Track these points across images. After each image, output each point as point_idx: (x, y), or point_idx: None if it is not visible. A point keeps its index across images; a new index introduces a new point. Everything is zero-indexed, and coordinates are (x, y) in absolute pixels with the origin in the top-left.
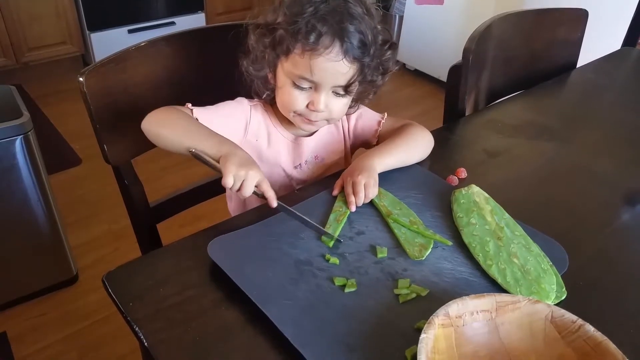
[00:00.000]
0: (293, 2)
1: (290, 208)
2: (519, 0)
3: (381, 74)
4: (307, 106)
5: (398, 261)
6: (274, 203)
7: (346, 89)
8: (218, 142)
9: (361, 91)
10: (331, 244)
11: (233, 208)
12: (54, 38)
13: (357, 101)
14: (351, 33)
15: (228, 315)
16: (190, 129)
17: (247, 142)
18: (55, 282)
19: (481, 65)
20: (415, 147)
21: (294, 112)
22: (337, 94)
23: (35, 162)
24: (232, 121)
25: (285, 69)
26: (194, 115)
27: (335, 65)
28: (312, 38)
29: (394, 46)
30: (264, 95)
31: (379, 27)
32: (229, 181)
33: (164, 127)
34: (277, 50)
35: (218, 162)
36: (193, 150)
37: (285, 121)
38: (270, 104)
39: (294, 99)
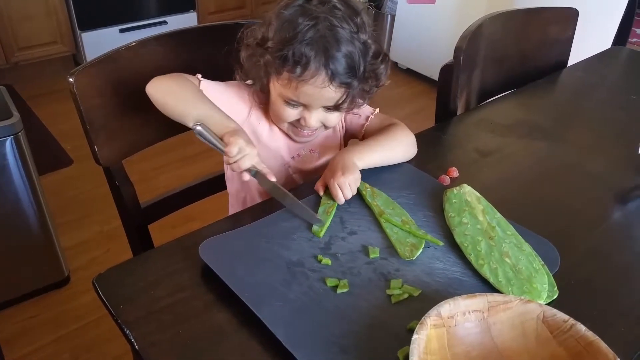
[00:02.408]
0: (282, 25)
1: (284, 190)
2: (510, 0)
3: (374, 86)
4: (299, 121)
5: (390, 261)
6: (273, 177)
7: (336, 107)
8: (225, 118)
9: (356, 98)
10: (321, 234)
11: (235, 189)
12: (44, 38)
13: (354, 104)
14: (337, 60)
15: (220, 318)
16: (196, 101)
17: (250, 123)
18: (47, 284)
19: (472, 64)
20: (397, 146)
21: (288, 123)
22: (328, 109)
23: (26, 162)
24: (238, 102)
25: (276, 87)
26: (201, 86)
27: (321, 91)
28: (298, 70)
29: (385, 58)
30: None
31: (369, 41)
32: (233, 150)
33: (171, 95)
34: (268, 69)
35: (221, 138)
36: (198, 127)
37: None
38: None
39: (285, 114)
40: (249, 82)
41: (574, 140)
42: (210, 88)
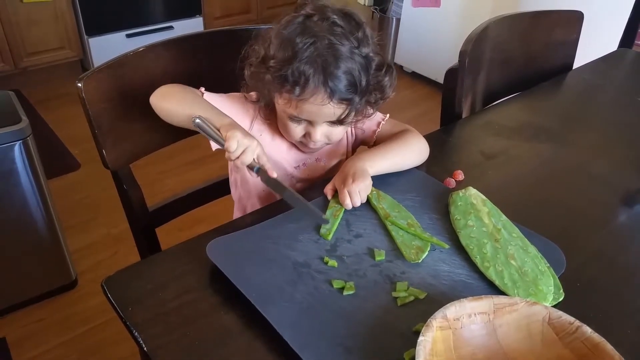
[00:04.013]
0: (281, 44)
1: (289, 188)
2: (515, 3)
3: (380, 98)
4: (304, 136)
5: (396, 264)
6: (274, 173)
7: (339, 121)
8: (221, 114)
9: (362, 109)
10: (329, 236)
11: (237, 196)
12: (52, 43)
13: (361, 116)
14: (337, 77)
15: (227, 319)
16: (194, 102)
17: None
18: (55, 287)
19: (478, 67)
20: (409, 153)
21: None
22: (332, 123)
23: (34, 167)
24: (240, 114)
25: (280, 105)
26: (204, 97)
27: (322, 108)
28: (297, 90)
29: (389, 69)
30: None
31: (371, 55)
32: (232, 144)
33: (170, 99)
34: (270, 88)
35: (218, 130)
36: (197, 120)
37: None
38: None
39: (292, 131)
40: (254, 99)
41: (579, 142)
42: (213, 100)
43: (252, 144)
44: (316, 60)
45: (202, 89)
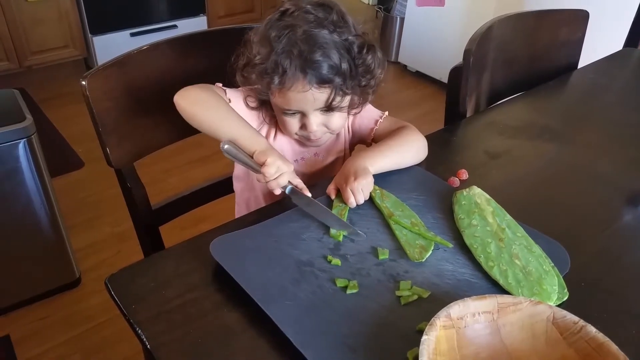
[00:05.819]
0: (259, 42)
1: (321, 204)
2: (520, 2)
3: (370, 79)
4: (302, 128)
5: (400, 263)
6: (308, 192)
7: (329, 107)
8: (255, 135)
9: (359, 94)
10: (340, 237)
11: (240, 189)
12: (56, 42)
13: (358, 104)
14: (314, 62)
15: (230, 317)
16: (225, 116)
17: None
18: (58, 285)
19: (482, 66)
20: (408, 150)
21: (295, 134)
22: (325, 111)
23: (38, 165)
24: (252, 110)
25: (272, 101)
26: (227, 96)
27: (305, 95)
28: (276, 80)
29: (372, 49)
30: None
31: (351, 37)
32: (271, 170)
33: (199, 106)
34: (259, 87)
35: (251, 156)
36: (226, 146)
37: None
38: None
39: (288, 125)
40: (254, 106)
41: (583, 142)
42: (233, 97)
43: (289, 168)
44: (291, 50)
45: (220, 84)
